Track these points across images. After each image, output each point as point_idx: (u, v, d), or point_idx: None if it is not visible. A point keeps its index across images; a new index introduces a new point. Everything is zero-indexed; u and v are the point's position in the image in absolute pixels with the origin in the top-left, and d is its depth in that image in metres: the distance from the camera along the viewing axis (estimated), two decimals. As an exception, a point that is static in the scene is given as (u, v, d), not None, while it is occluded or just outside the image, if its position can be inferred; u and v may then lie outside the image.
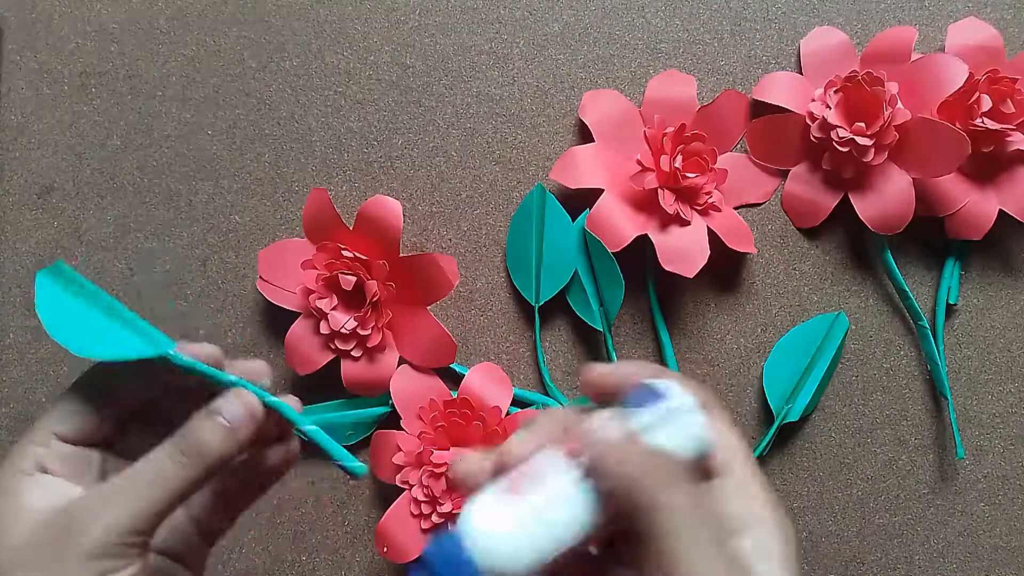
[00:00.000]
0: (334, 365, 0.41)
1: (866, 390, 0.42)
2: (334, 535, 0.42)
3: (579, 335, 0.43)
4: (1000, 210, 0.41)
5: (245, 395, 0.27)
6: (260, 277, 0.41)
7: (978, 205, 0.41)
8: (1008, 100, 0.40)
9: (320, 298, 0.40)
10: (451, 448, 0.39)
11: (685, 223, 0.40)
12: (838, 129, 0.39)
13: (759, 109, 0.42)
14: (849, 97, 0.40)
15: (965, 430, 0.42)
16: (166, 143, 0.44)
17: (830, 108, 0.40)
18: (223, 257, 0.43)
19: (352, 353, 0.40)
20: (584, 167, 0.41)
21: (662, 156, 0.40)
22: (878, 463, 0.42)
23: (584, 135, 0.43)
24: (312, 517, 0.42)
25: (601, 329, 0.41)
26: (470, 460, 0.26)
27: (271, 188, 0.43)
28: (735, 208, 0.43)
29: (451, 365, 0.41)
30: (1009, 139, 0.40)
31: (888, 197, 0.40)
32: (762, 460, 0.42)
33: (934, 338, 0.42)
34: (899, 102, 0.39)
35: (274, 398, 0.28)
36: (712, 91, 0.43)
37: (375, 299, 0.39)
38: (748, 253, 0.42)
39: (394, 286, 0.40)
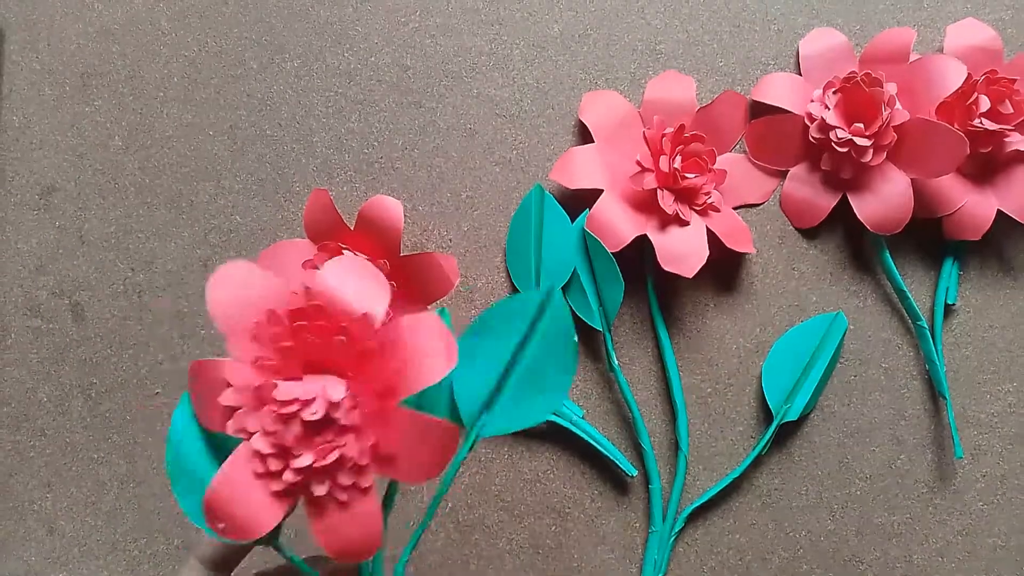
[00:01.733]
0: (335, 365, 0.41)
1: (865, 390, 0.43)
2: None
3: (579, 335, 0.43)
4: (998, 210, 0.41)
5: None
6: (261, 277, 0.41)
7: (976, 205, 0.41)
8: (1006, 101, 0.40)
9: (321, 298, 0.40)
10: (305, 377, 0.28)
11: (684, 223, 0.40)
12: (837, 130, 0.40)
13: (758, 110, 0.43)
14: (848, 98, 0.40)
15: (963, 430, 0.43)
16: (167, 144, 0.44)
17: (829, 109, 0.40)
18: (224, 257, 0.43)
19: (353, 353, 0.40)
20: (584, 168, 0.41)
21: (661, 157, 0.40)
22: (877, 463, 0.42)
23: (584, 136, 0.43)
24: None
25: (601, 329, 0.41)
26: None
27: (272, 188, 0.44)
28: (734, 208, 0.43)
29: (451, 365, 0.42)
30: (1007, 139, 0.40)
31: (887, 197, 0.40)
32: (761, 460, 0.42)
33: (932, 338, 0.42)
34: (898, 103, 0.39)
35: None
36: (711, 92, 0.43)
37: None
38: (747, 253, 0.42)
39: (395, 285, 0.40)
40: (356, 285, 0.28)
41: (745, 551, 0.42)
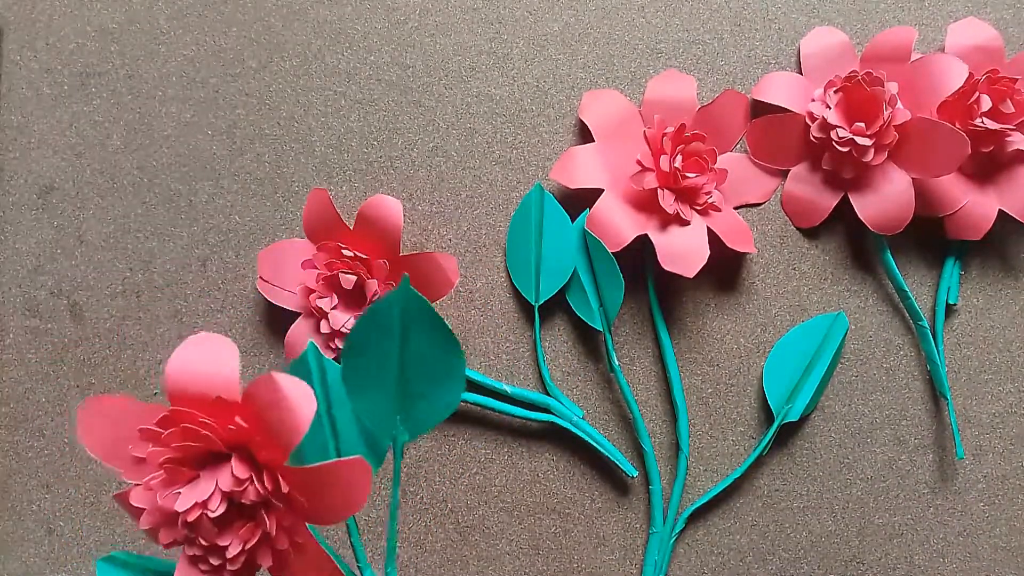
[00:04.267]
0: (334, 365, 0.41)
1: (866, 390, 0.43)
2: (334, 535, 0.42)
3: (579, 335, 0.43)
4: (1000, 210, 0.41)
5: None
6: (260, 277, 0.41)
7: (978, 205, 0.41)
8: (1008, 100, 0.40)
9: (320, 297, 0.40)
10: (202, 473, 0.29)
11: (685, 223, 0.40)
12: (838, 129, 0.40)
13: (759, 109, 0.43)
14: (849, 97, 0.40)
15: (965, 430, 0.42)
16: (166, 143, 0.44)
17: (830, 108, 0.40)
18: (223, 257, 0.43)
19: (352, 353, 0.40)
20: (584, 167, 0.41)
21: (662, 156, 0.40)
22: (878, 463, 0.42)
23: (584, 135, 0.43)
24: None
25: (601, 329, 0.41)
26: None
27: (271, 188, 0.44)
28: (735, 208, 0.43)
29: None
30: (1009, 139, 0.40)
31: (888, 197, 0.40)
32: (762, 460, 0.42)
33: (934, 338, 0.42)
34: (899, 102, 0.39)
35: None
36: (712, 91, 0.43)
37: (376, 298, 0.39)
38: (748, 253, 0.42)
39: (395, 285, 0.40)
40: (204, 367, 0.29)
41: (746, 552, 0.42)
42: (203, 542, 0.29)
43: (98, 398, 0.29)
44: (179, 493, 0.29)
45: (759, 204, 0.43)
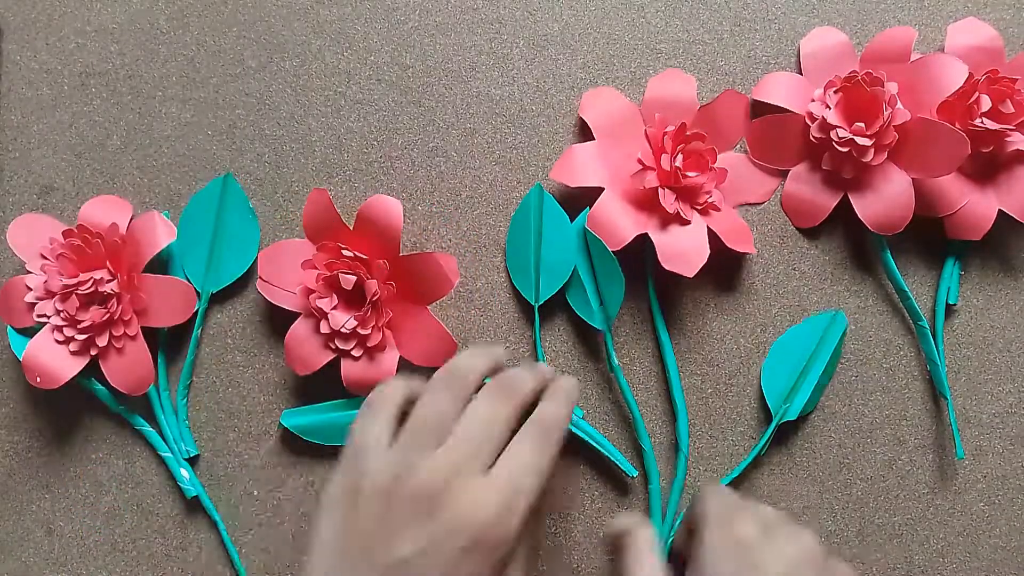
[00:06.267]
0: (334, 365, 0.41)
1: (866, 390, 0.43)
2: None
3: (579, 334, 0.43)
4: (999, 210, 0.41)
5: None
6: (260, 277, 0.41)
7: (978, 205, 0.41)
8: (1007, 100, 0.40)
9: (320, 298, 0.40)
10: (80, 273, 0.41)
11: (685, 222, 0.40)
12: (838, 129, 0.40)
13: (759, 109, 0.43)
14: (849, 97, 0.40)
15: (965, 430, 0.42)
16: (166, 143, 0.44)
17: (830, 108, 0.40)
18: (223, 257, 0.43)
19: (352, 353, 0.40)
20: (584, 166, 0.41)
21: (662, 155, 0.40)
22: (877, 463, 0.42)
23: (584, 135, 0.43)
24: (312, 517, 0.43)
25: (601, 328, 0.41)
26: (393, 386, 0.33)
27: (271, 188, 0.44)
28: (735, 208, 0.43)
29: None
30: (1008, 139, 0.40)
31: (888, 197, 0.40)
32: (761, 460, 0.42)
33: (934, 338, 0.42)
34: (899, 102, 0.39)
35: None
36: (712, 91, 0.43)
37: (375, 298, 0.39)
38: (748, 253, 0.42)
39: (394, 285, 0.40)
40: (104, 210, 0.42)
41: (746, 552, 0.42)
42: (64, 315, 0.40)
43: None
44: (58, 279, 0.41)
45: (759, 204, 0.43)
